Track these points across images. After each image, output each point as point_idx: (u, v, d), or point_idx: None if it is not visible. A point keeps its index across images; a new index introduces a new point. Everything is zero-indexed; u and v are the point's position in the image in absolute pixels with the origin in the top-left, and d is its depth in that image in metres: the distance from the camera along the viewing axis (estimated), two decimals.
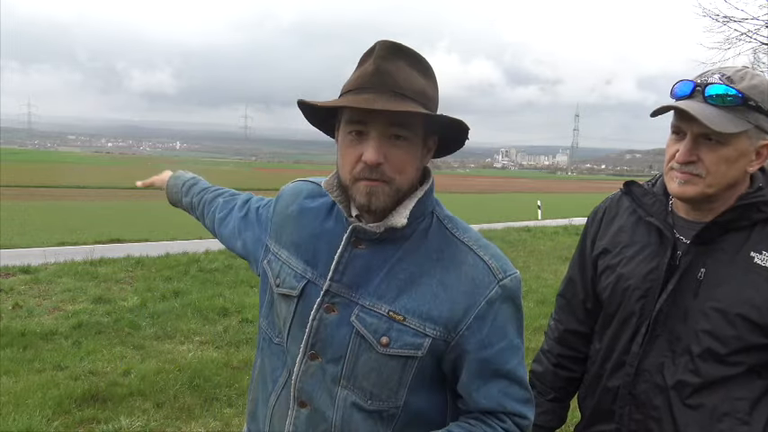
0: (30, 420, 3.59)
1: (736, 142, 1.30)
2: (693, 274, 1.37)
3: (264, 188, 40.15)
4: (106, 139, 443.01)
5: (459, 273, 1.17)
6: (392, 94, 1.09)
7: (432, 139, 1.21)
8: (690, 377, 1.36)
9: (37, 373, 4.46)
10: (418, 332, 1.15)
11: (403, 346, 1.15)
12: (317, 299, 1.20)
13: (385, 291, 1.17)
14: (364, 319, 1.16)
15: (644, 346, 1.42)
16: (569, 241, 13.40)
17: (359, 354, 1.17)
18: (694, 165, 1.32)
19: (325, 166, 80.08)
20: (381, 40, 1.15)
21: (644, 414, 1.42)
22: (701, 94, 1.31)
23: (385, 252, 1.19)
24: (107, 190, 34.63)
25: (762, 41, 13.42)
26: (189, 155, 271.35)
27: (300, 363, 1.21)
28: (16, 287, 6.96)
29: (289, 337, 1.25)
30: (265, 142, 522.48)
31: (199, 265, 8.70)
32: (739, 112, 1.29)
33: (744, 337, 1.31)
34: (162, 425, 3.73)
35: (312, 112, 1.23)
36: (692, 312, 1.36)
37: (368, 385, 1.18)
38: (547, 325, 1.78)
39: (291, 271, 1.26)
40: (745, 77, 1.31)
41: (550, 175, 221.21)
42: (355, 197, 1.15)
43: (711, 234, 1.37)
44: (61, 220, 15.72)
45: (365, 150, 1.11)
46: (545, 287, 8.08)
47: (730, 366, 1.33)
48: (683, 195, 1.36)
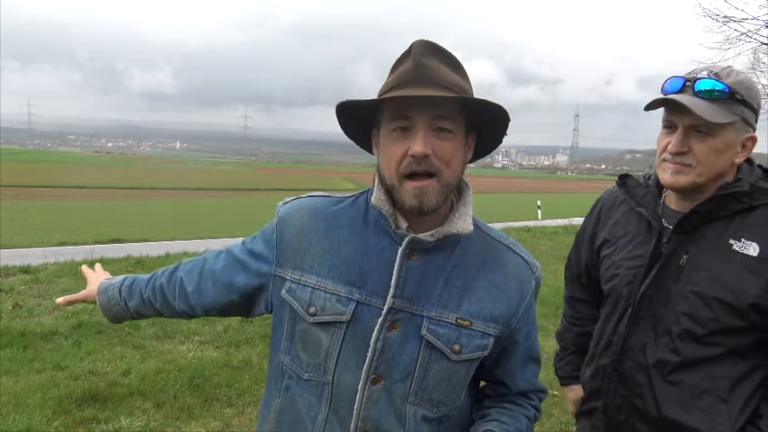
0: (30, 420, 3.58)
1: (724, 134, 1.39)
2: (676, 260, 1.46)
3: (264, 188, 40.04)
4: (106, 139, 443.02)
5: (506, 272, 1.24)
6: (435, 86, 1.10)
7: (471, 136, 1.21)
8: (670, 356, 1.45)
9: (37, 373, 4.46)
10: (484, 334, 1.20)
11: (473, 350, 1.19)
12: (377, 319, 1.15)
13: (447, 300, 1.18)
14: (435, 330, 1.16)
15: (629, 327, 1.52)
16: (569, 241, 13.37)
17: (429, 366, 1.17)
18: (686, 155, 1.41)
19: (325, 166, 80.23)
20: (418, 39, 1.16)
21: (628, 390, 1.52)
22: (692, 88, 1.40)
23: (437, 261, 1.19)
24: (107, 190, 34.61)
25: (762, 41, 13.43)
26: (189, 155, 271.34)
27: (363, 390, 1.15)
28: (16, 287, 6.96)
29: (337, 368, 1.17)
30: (265, 142, 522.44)
31: None
32: (727, 105, 1.38)
33: (720, 320, 1.39)
34: (162, 425, 3.72)
35: (347, 120, 1.21)
36: (673, 296, 1.45)
37: (437, 395, 1.19)
38: (546, 327, 1.93)
39: (331, 295, 1.17)
40: (731, 74, 1.41)
41: (550, 175, 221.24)
42: (404, 200, 1.13)
43: (693, 223, 1.45)
44: (61, 220, 15.73)
45: (412, 144, 1.10)
46: (545, 287, 8.06)
47: (709, 347, 1.41)
48: (676, 185, 1.44)
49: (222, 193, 38.37)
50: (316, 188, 13.76)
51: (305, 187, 40.71)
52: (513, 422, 1.26)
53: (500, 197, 42.16)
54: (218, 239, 12.28)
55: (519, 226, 16.72)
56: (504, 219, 19.10)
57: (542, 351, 5.35)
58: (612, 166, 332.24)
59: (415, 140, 1.10)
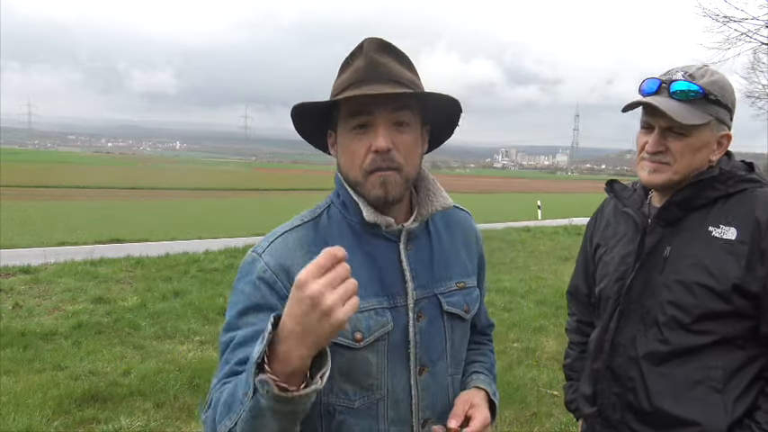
0: (30, 420, 3.59)
1: (699, 133, 1.43)
2: (660, 252, 1.49)
3: (264, 188, 39.98)
4: (106, 139, 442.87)
5: (462, 227, 1.36)
6: (390, 82, 1.13)
7: (426, 129, 1.25)
8: (659, 346, 1.45)
9: (37, 373, 4.46)
10: (473, 288, 1.33)
11: (474, 304, 1.33)
12: (409, 314, 1.19)
13: (444, 272, 1.28)
14: (450, 301, 1.27)
15: (618, 323, 1.53)
16: (569, 241, 13.40)
17: (453, 335, 1.27)
18: (663, 154, 1.46)
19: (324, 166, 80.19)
20: (368, 37, 1.17)
21: (621, 386, 1.52)
22: (667, 90, 1.45)
23: (423, 242, 1.26)
24: (107, 190, 34.63)
25: (762, 41, 13.44)
26: (189, 155, 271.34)
27: (416, 386, 1.19)
28: (16, 287, 6.96)
29: (389, 379, 1.17)
30: (265, 142, 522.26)
31: (199, 265, 8.71)
32: (701, 105, 1.42)
33: (704, 305, 1.39)
34: (162, 425, 3.73)
35: (303, 121, 1.22)
36: (658, 286, 1.47)
37: (460, 356, 1.32)
38: (546, 327, 1.88)
39: (368, 313, 1.15)
40: (705, 74, 1.44)
41: (550, 175, 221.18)
42: (369, 191, 1.15)
43: (672, 214, 1.48)
44: (61, 220, 15.73)
45: (374, 140, 1.12)
46: (545, 287, 8.07)
47: (698, 335, 1.41)
48: (653, 182, 1.49)
49: (222, 193, 38.36)
50: (316, 188, 13.72)
51: (305, 187, 40.62)
52: (486, 358, 1.43)
53: (500, 197, 42.18)
54: (218, 239, 12.27)
55: (519, 226, 16.71)
56: (504, 219, 19.10)
57: (542, 351, 5.33)
58: (612, 167, 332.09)
59: (377, 136, 1.12)
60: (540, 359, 5.12)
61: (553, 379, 4.67)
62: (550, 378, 4.69)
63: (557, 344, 5.42)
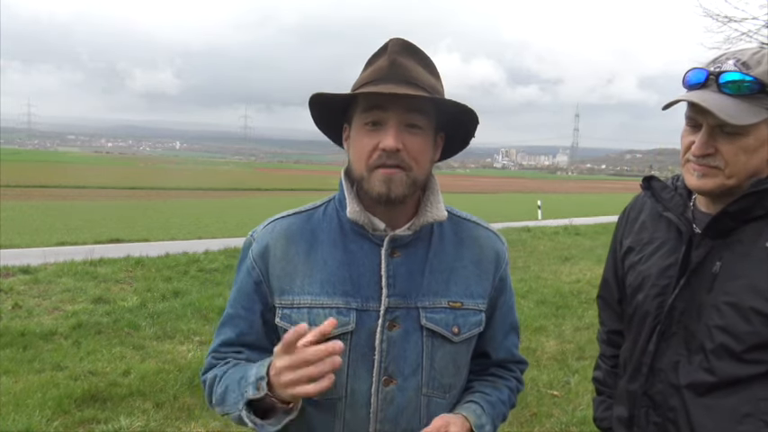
0: (30, 420, 3.58)
1: (756, 131, 1.23)
2: (708, 268, 1.30)
3: (264, 188, 39.99)
4: (106, 139, 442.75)
5: (480, 245, 1.29)
6: (409, 85, 1.13)
7: (440, 136, 1.24)
8: (705, 376, 1.29)
9: (37, 373, 4.46)
10: (476, 311, 1.25)
11: (470, 328, 1.24)
12: (377, 321, 1.17)
13: (436, 286, 1.22)
14: (433, 317, 1.21)
15: (659, 345, 1.36)
16: (569, 241, 13.40)
17: (434, 354, 1.21)
18: (712, 157, 1.26)
19: (325, 166, 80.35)
20: (394, 37, 1.18)
21: (661, 416, 1.36)
22: (716, 82, 1.24)
23: (418, 252, 1.23)
24: (107, 190, 34.63)
25: (762, 41, 13.42)
26: (189, 155, 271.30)
27: (376, 395, 1.17)
28: (16, 287, 6.95)
29: (348, 380, 1.17)
30: (265, 142, 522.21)
31: (198, 265, 8.70)
32: (757, 99, 1.22)
33: (760, 333, 1.22)
34: (162, 425, 3.72)
35: (321, 112, 1.24)
36: (706, 308, 1.29)
37: (446, 380, 1.23)
38: (546, 327, 1.80)
39: (330, 310, 1.17)
40: (762, 61, 1.23)
41: (550, 175, 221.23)
42: (373, 187, 1.15)
43: (724, 225, 1.29)
44: (61, 220, 15.73)
45: (383, 138, 1.13)
46: (545, 287, 8.06)
47: (749, 365, 1.25)
48: (702, 189, 1.30)
49: (222, 193, 38.36)
50: (316, 188, 13.76)
51: (305, 187, 40.56)
52: (495, 392, 1.30)
53: (500, 197, 42.17)
54: (218, 239, 12.27)
55: (519, 226, 16.69)
56: (504, 219, 19.09)
57: (542, 351, 5.35)
58: (613, 166, 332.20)
59: (387, 135, 1.12)
60: (541, 359, 5.10)
61: (553, 379, 4.67)
62: (550, 378, 4.69)
63: (557, 344, 5.39)
